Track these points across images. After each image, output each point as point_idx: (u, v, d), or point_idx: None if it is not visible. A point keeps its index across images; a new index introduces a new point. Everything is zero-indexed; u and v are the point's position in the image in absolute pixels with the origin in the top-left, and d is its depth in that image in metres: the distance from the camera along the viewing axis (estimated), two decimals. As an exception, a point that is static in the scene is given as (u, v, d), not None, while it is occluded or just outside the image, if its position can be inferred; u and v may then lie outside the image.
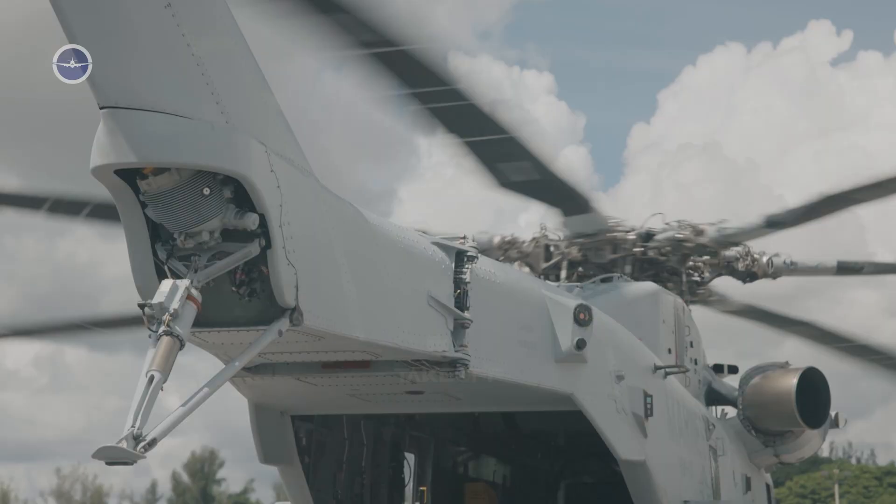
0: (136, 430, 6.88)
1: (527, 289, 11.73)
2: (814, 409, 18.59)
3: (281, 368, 10.19)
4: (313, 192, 8.49)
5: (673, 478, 14.31)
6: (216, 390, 7.65)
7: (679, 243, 19.28)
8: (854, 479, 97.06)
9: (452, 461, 18.43)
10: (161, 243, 7.76)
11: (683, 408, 15.54)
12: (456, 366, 10.11)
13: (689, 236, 19.33)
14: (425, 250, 9.98)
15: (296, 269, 8.02)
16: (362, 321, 8.96)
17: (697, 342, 18.99)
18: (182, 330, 7.31)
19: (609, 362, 12.66)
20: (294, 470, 12.85)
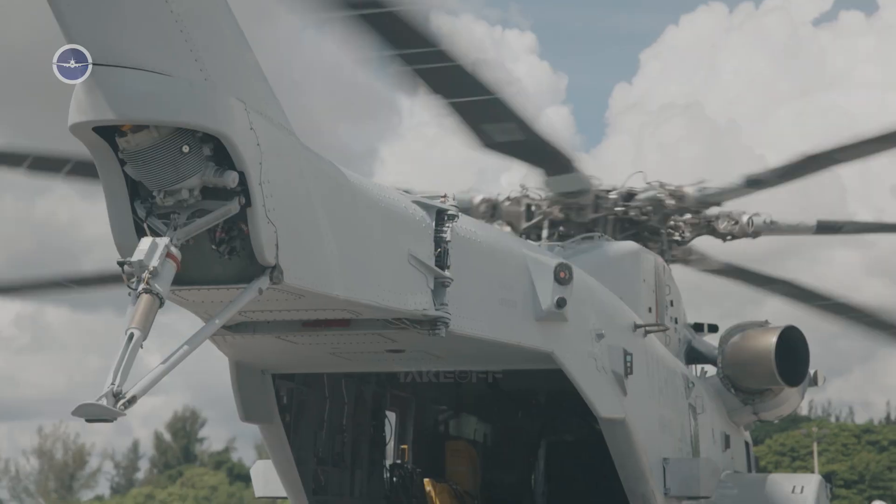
0: (116, 387, 6.88)
1: (507, 248, 11.74)
2: (793, 368, 18.71)
3: (261, 327, 10.19)
4: (293, 150, 8.46)
5: (652, 435, 14.40)
6: (196, 348, 7.65)
7: (660, 203, 19.33)
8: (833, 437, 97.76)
9: (433, 420, 18.51)
10: (140, 201, 7.72)
11: (663, 366, 15.62)
12: (436, 324, 10.11)
13: (669, 196, 19.38)
14: (406, 209, 9.97)
15: (276, 227, 8.01)
16: (343, 280, 8.96)
17: (678, 301, 19.07)
18: (162, 288, 7.29)
19: (589, 321, 12.70)
20: (275, 428, 12.88)
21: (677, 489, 14.57)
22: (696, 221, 19.95)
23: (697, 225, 20.03)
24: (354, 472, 15.11)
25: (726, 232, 20.14)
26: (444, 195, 10.55)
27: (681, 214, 19.71)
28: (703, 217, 19.90)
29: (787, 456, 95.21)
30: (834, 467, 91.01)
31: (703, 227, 20.09)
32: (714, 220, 19.97)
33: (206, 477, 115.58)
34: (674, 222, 19.72)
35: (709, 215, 19.90)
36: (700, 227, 20.07)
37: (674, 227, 19.78)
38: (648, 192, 19.27)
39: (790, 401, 20.50)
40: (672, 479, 14.52)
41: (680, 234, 19.96)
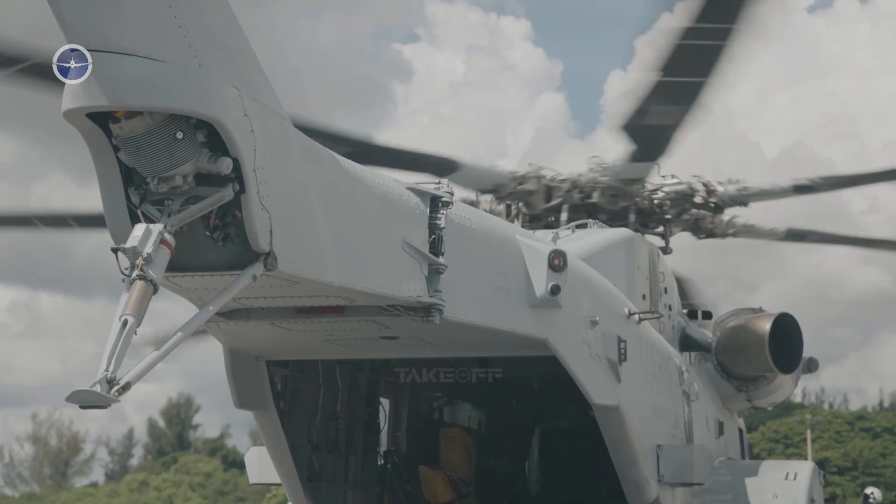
0: (110, 373, 6.87)
1: (501, 234, 11.74)
2: (786, 355, 18.76)
3: (255, 313, 10.19)
4: (287, 136, 8.45)
5: (646, 422, 14.42)
6: (190, 335, 7.64)
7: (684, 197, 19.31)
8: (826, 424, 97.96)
9: (427, 407, 18.52)
10: (134, 188, 7.71)
11: (657, 353, 15.64)
12: (430, 311, 10.10)
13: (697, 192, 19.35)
14: (400, 195, 9.96)
15: (270, 213, 8.00)
16: (337, 266, 8.96)
17: (672, 288, 19.09)
18: (156, 274, 7.28)
19: (583, 308, 12.71)
20: (269, 415, 12.89)
21: (671, 476, 14.60)
22: (688, 218, 19.94)
23: (687, 221, 20.01)
24: (349, 459, 15.13)
25: (707, 230, 20.18)
26: (439, 182, 10.54)
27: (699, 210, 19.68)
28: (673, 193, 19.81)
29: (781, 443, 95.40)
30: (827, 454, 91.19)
31: (681, 200, 20.01)
32: (701, 219, 19.98)
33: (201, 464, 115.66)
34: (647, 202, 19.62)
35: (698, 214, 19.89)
36: (678, 201, 20.00)
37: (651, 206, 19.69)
38: (676, 186, 19.24)
39: (784, 388, 20.57)
40: (666, 466, 14.55)
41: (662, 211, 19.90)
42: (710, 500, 16.54)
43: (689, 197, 19.30)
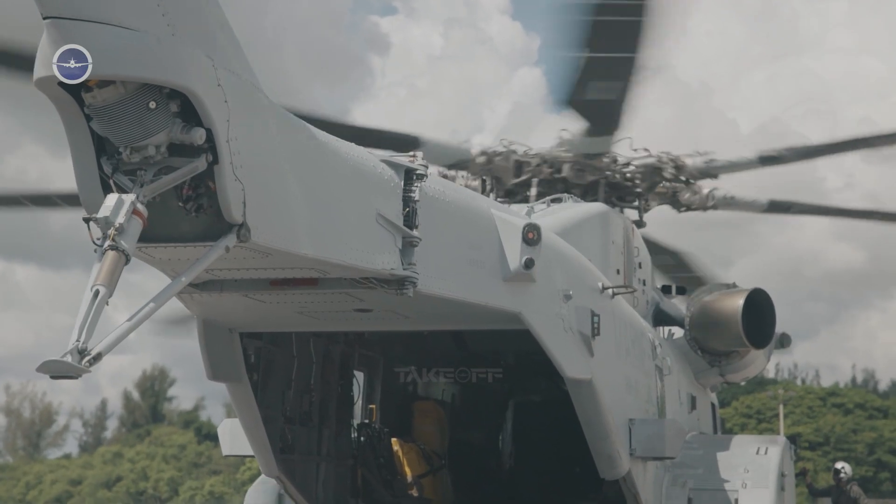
0: (81, 344, 6.85)
1: (476, 207, 11.73)
2: (759, 330, 18.82)
3: (229, 285, 10.16)
4: (261, 107, 8.41)
5: (619, 396, 14.47)
6: (162, 305, 7.62)
7: (654, 171, 19.31)
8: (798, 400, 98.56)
9: (401, 380, 18.54)
10: (106, 157, 7.66)
11: (630, 327, 15.68)
12: (404, 284, 10.10)
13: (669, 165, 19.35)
14: (374, 168, 9.94)
15: (243, 184, 7.98)
16: (310, 238, 8.94)
17: (646, 263, 19.13)
18: (128, 244, 7.25)
19: (557, 282, 12.72)
20: (242, 387, 12.87)
21: (642, 449, 14.66)
22: (665, 191, 19.95)
23: (665, 194, 20.03)
24: (322, 432, 15.13)
25: (687, 203, 20.19)
26: (413, 154, 10.52)
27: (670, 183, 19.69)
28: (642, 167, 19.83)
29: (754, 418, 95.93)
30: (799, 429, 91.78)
31: (668, 196, 20.09)
32: (679, 192, 19.99)
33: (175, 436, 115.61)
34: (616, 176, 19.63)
35: (676, 187, 19.90)
36: (667, 196, 20.07)
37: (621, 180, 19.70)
38: (645, 160, 19.23)
39: (756, 363, 20.64)
40: (637, 440, 14.61)
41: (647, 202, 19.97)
42: (682, 473, 16.61)
43: (659, 170, 19.32)
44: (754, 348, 19.19)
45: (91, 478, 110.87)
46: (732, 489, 16.28)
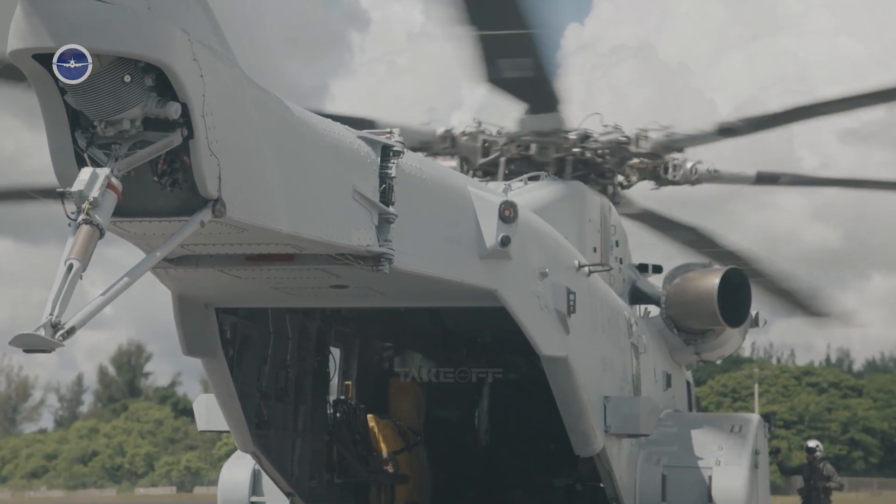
0: (55, 318, 6.84)
1: (452, 185, 11.72)
2: (735, 309, 18.90)
3: (204, 260, 10.12)
4: (238, 82, 8.39)
5: (594, 374, 14.51)
6: (136, 280, 7.60)
7: (621, 146, 19.30)
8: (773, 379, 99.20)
9: (378, 356, 18.55)
10: (81, 131, 7.63)
11: (606, 305, 15.72)
12: (380, 260, 10.10)
13: (632, 140, 19.33)
14: (351, 144, 9.92)
15: (218, 159, 7.95)
16: (286, 214, 8.93)
17: (623, 241, 19.17)
18: (102, 219, 7.23)
19: (533, 259, 12.73)
20: (218, 362, 12.85)
21: (617, 427, 14.72)
22: (644, 166, 19.96)
23: (644, 170, 20.04)
24: (298, 407, 15.13)
25: (670, 178, 20.19)
26: (390, 131, 10.50)
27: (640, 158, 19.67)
28: (652, 162, 19.90)
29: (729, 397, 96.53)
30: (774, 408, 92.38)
31: (649, 171, 20.10)
32: (660, 167, 19.99)
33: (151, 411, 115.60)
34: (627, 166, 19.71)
35: (657, 162, 19.91)
36: (646, 171, 20.08)
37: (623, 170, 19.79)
38: (610, 135, 19.22)
39: (731, 341, 20.73)
40: (612, 417, 14.66)
41: (626, 178, 19.98)
42: (656, 451, 16.69)
43: (625, 145, 19.32)
44: (729, 327, 19.27)
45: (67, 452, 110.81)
46: (706, 466, 16.38)
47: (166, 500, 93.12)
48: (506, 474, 18.42)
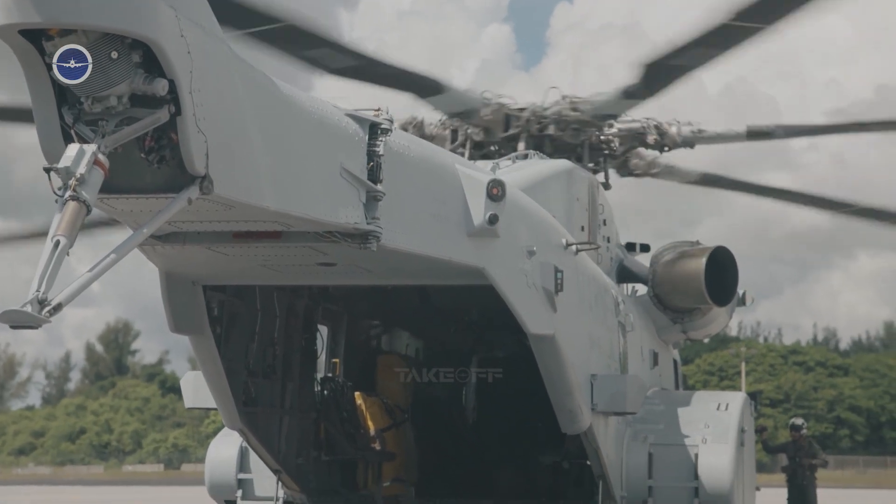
0: (41, 294, 6.83)
1: (440, 163, 11.72)
2: (722, 288, 18.95)
3: (191, 237, 10.12)
4: (225, 59, 8.37)
5: (581, 352, 14.55)
6: (123, 257, 7.60)
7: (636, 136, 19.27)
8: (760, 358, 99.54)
9: (365, 334, 18.57)
10: (68, 107, 7.62)
11: (594, 284, 15.74)
12: (368, 238, 10.11)
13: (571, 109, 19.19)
14: (339, 121, 9.92)
15: (206, 136, 7.95)
16: (274, 191, 8.94)
17: (611, 220, 19.18)
18: (89, 195, 7.22)
19: (521, 238, 12.75)
20: (205, 339, 12.87)
21: (604, 405, 14.76)
22: (623, 134, 19.86)
23: (626, 137, 19.92)
24: (285, 385, 15.16)
25: (657, 143, 20.09)
26: (378, 108, 10.49)
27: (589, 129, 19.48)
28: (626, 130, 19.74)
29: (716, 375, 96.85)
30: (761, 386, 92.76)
31: (632, 138, 19.97)
32: (639, 134, 19.88)
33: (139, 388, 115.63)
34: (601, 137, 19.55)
35: (633, 129, 19.78)
36: (628, 139, 19.95)
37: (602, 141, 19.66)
38: (555, 107, 19.09)
39: (718, 320, 20.79)
40: (599, 395, 14.70)
41: (610, 148, 19.86)
42: (643, 428, 16.74)
43: (641, 136, 19.27)
44: (716, 306, 19.33)
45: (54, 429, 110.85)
46: (693, 444, 16.44)
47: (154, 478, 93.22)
48: (492, 452, 18.47)
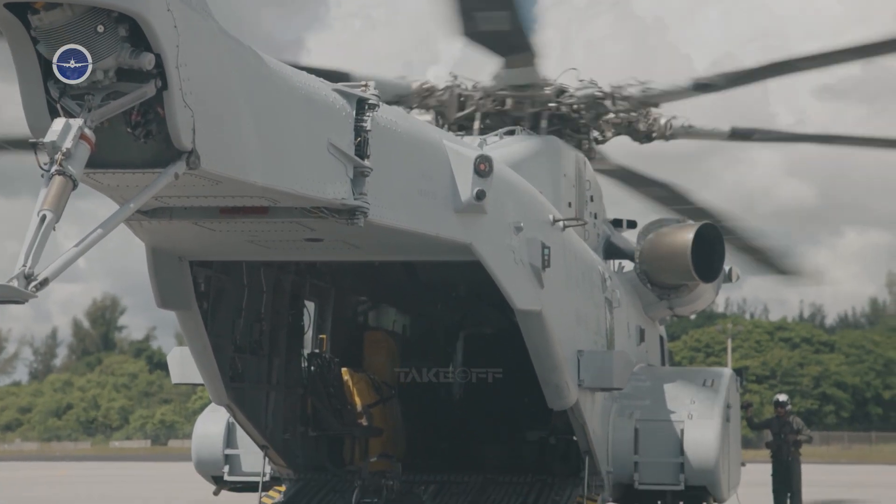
0: (28, 269, 6.81)
1: (428, 138, 11.71)
2: (708, 264, 18.97)
3: (178, 213, 10.10)
4: (212, 34, 8.34)
5: (568, 328, 14.57)
6: (110, 232, 7.58)
7: (597, 101, 19.26)
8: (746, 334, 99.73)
9: (352, 310, 18.56)
10: (53, 81, 7.58)
11: (581, 260, 15.76)
12: (355, 214, 10.09)
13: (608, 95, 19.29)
14: (326, 97, 9.89)
15: (193, 111, 7.92)
16: (261, 166, 8.91)
17: (598, 197, 19.19)
18: (75, 170, 7.19)
19: (508, 213, 12.75)
20: (192, 315, 12.86)
21: (591, 381, 14.79)
22: (620, 122, 19.92)
23: (619, 125, 20.01)
24: (272, 361, 15.16)
25: (644, 133, 20.18)
26: (366, 84, 10.47)
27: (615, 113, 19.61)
28: (628, 117, 19.85)
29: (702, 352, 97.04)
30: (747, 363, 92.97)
31: (623, 127, 20.07)
32: (635, 122, 19.97)
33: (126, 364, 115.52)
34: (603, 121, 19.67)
35: (631, 117, 19.87)
36: (622, 126, 20.05)
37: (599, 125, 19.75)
38: (586, 90, 19.17)
39: (705, 296, 20.83)
40: (586, 371, 14.73)
41: (602, 133, 19.94)
42: (629, 404, 16.79)
43: (601, 100, 19.31)
44: (703, 282, 19.36)
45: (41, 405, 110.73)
46: (679, 420, 16.50)
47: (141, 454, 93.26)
48: (479, 428, 18.50)
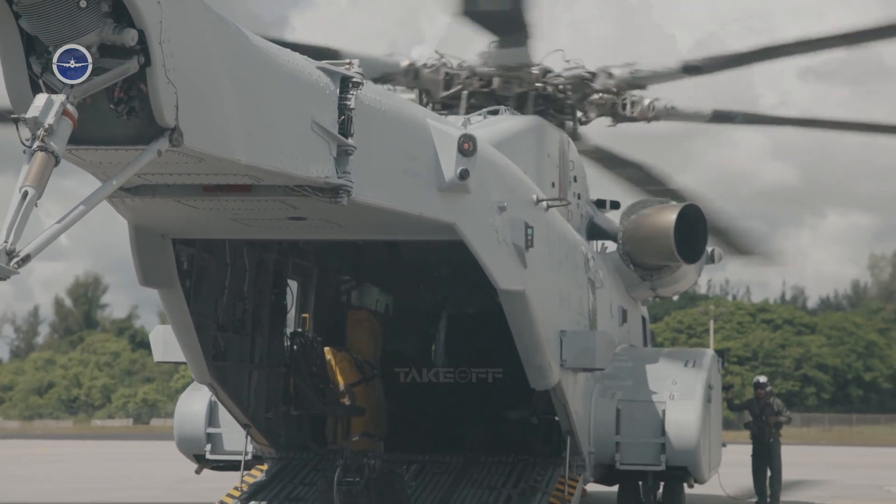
0: (10, 245, 6.78)
1: (412, 117, 11.68)
2: (691, 245, 19.02)
3: (161, 190, 10.06)
4: (196, 9, 8.30)
5: (551, 308, 14.59)
6: (92, 209, 7.55)
7: (583, 82, 19.26)
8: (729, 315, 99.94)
9: (335, 289, 18.56)
10: (36, 56, 7.54)
11: (564, 240, 15.77)
12: (338, 192, 10.07)
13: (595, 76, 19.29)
14: (310, 75, 9.85)
15: (176, 88, 7.89)
16: (244, 144, 8.88)
17: (581, 177, 19.20)
18: (57, 146, 7.16)
19: (491, 193, 12.74)
20: (174, 293, 12.83)
21: (573, 361, 14.82)
22: (603, 102, 19.93)
23: (603, 106, 20.02)
24: (255, 339, 15.16)
25: (627, 115, 20.19)
26: (350, 62, 10.43)
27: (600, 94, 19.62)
28: (612, 98, 19.86)
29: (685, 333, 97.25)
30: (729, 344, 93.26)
31: (607, 108, 20.08)
32: (618, 104, 19.97)
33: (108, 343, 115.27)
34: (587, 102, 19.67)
35: (618, 98, 19.87)
36: (605, 107, 20.06)
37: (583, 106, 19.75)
38: (573, 71, 19.16)
39: (687, 277, 20.89)
40: (568, 351, 14.76)
41: (585, 114, 19.95)
42: (611, 385, 16.84)
43: (588, 81, 19.31)
44: (685, 263, 19.41)
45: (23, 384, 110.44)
46: (660, 401, 16.56)
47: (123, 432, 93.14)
48: (461, 407, 18.54)
